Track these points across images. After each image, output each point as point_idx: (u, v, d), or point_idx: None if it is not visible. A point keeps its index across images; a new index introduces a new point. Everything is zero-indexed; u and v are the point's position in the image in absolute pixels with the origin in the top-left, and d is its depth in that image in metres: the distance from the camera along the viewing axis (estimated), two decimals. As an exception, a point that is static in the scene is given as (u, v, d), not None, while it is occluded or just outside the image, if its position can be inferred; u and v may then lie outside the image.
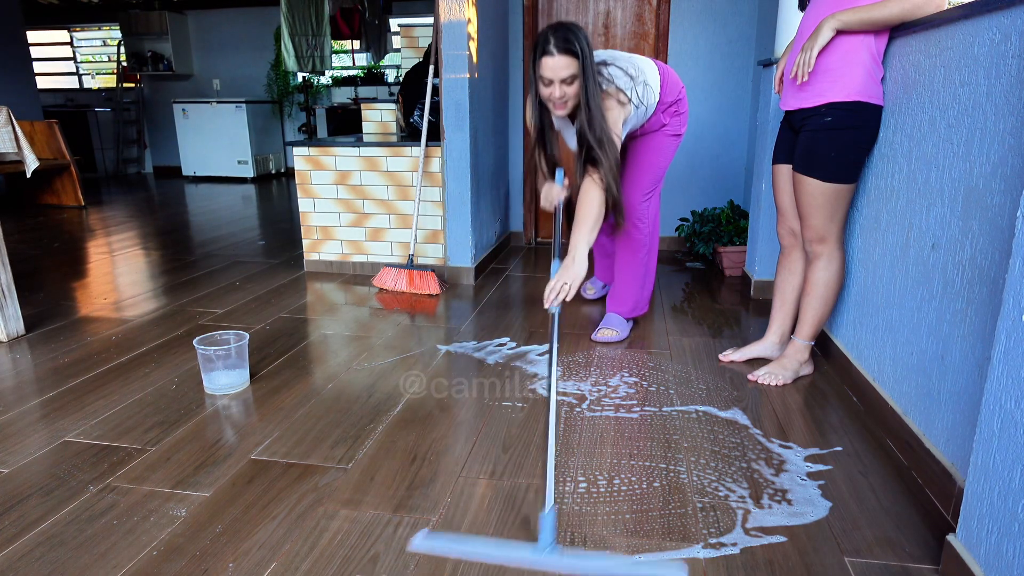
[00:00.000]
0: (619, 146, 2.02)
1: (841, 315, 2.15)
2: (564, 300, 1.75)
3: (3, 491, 1.50)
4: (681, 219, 3.79)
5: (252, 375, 2.13)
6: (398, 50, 7.41)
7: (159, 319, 2.69)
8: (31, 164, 4.48)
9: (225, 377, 2.01)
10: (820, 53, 1.77)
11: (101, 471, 1.58)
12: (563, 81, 1.88)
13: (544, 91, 1.94)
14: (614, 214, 2.09)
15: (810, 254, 1.98)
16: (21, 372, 2.18)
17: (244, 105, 7.52)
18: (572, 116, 2.06)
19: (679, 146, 2.30)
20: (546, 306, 1.74)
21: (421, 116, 3.31)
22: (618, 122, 2.00)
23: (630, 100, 2.04)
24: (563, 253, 1.90)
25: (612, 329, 2.46)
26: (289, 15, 6.22)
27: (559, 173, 2.16)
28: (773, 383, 2.05)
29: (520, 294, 3.07)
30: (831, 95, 1.80)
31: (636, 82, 2.09)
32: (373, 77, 7.99)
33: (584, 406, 1.91)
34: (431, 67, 3.15)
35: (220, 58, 8.44)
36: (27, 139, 4.68)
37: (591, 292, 2.93)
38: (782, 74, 2.00)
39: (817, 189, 1.87)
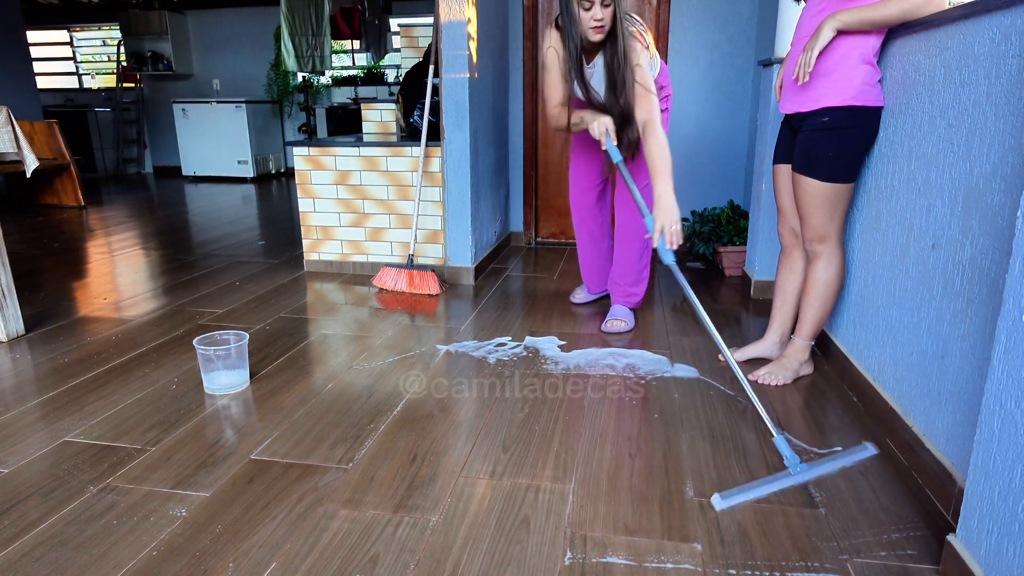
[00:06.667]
0: (647, 71, 2.18)
1: (841, 315, 2.15)
2: (676, 242, 2.11)
3: (3, 491, 1.50)
4: (681, 219, 3.78)
5: (252, 375, 2.13)
6: (398, 50, 7.42)
7: (159, 319, 2.69)
8: (31, 164, 4.48)
9: (225, 377, 2.01)
10: (819, 55, 1.77)
11: (101, 471, 1.58)
12: (602, 3, 2.06)
13: (584, 15, 2.09)
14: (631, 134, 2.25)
15: (810, 254, 1.99)
16: (21, 372, 2.18)
17: (244, 105, 7.53)
18: (592, 55, 2.24)
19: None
20: (669, 247, 2.10)
21: (421, 116, 3.31)
22: (641, 54, 2.16)
23: (647, 47, 2.21)
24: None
25: (620, 320, 2.56)
26: (289, 15, 6.22)
27: (612, 147, 2.24)
28: (773, 383, 2.05)
29: (520, 294, 3.07)
30: (827, 99, 1.80)
31: (649, 41, 2.28)
32: (373, 77, 7.99)
33: (585, 405, 1.92)
34: (431, 67, 3.15)
35: (220, 58, 8.44)
36: (27, 139, 4.68)
37: (579, 297, 2.92)
38: (782, 80, 2.01)
39: (816, 189, 1.87)
